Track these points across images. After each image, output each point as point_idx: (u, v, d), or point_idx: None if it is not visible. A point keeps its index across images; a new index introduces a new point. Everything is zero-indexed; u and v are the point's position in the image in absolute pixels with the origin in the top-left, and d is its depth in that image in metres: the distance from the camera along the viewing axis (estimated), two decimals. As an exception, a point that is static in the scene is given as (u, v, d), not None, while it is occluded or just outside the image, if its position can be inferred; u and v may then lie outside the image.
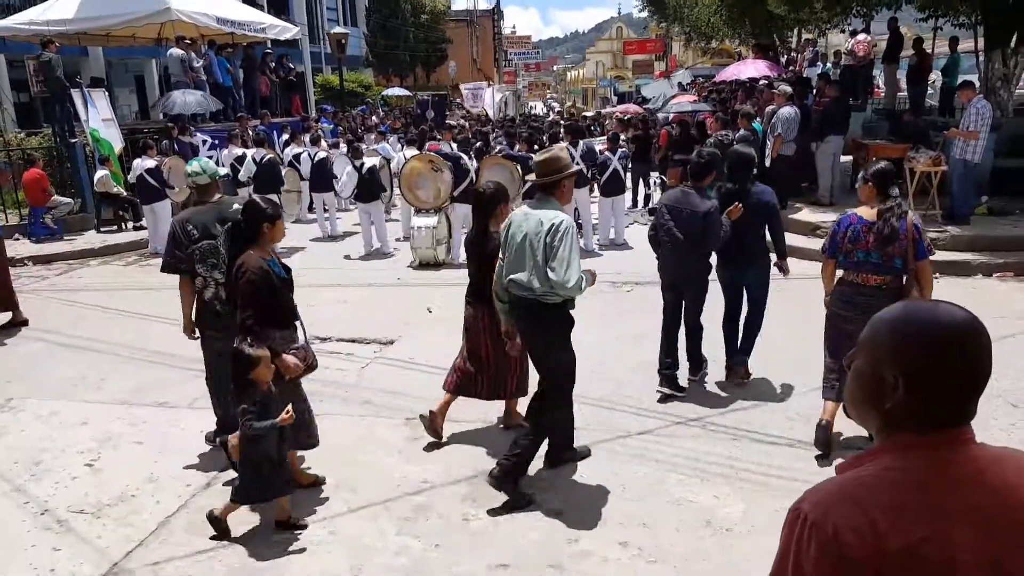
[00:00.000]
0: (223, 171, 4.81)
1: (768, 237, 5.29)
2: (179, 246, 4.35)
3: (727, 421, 4.79)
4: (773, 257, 5.32)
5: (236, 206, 4.46)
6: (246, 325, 3.77)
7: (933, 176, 9.43)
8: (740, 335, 5.38)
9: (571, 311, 4.00)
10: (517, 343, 4.19)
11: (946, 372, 1.19)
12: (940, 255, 8.39)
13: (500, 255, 4.07)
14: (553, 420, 4.06)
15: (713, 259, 5.24)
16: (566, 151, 4.12)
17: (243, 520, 3.85)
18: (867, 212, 4.18)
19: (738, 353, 5.38)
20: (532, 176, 4.06)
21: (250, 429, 3.58)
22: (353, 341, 6.69)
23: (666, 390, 5.16)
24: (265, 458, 3.62)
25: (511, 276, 3.91)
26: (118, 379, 5.92)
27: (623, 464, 4.26)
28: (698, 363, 5.40)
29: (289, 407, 3.62)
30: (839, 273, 4.35)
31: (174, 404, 5.38)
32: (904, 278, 4.15)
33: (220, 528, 3.71)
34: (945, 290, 7.70)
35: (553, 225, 3.75)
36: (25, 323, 7.46)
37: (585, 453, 4.36)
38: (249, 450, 3.62)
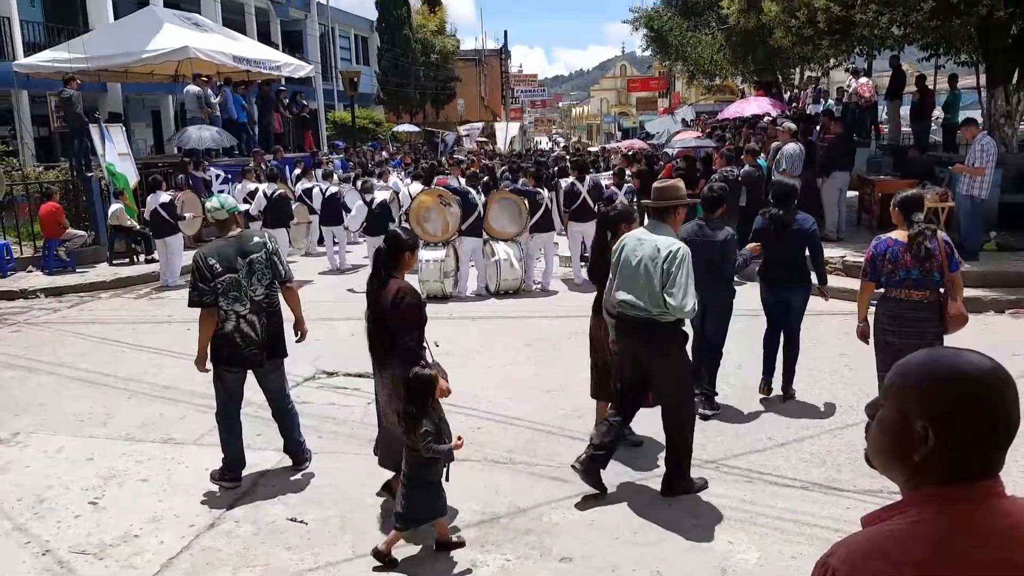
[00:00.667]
0: (243, 207, 4.84)
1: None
2: (203, 279, 4.38)
3: (741, 463, 4.71)
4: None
5: (256, 239, 4.52)
6: (410, 347, 3.89)
7: (940, 212, 9.43)
8: (778, 356, 5.72)
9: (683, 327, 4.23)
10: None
11: (972, 421, 1.17)
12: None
13: (610, 274, 4.31)
14: (689, 432, 4.29)
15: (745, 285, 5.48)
16: (682, 182, 4.53)
17: (250, 564, 3.80)
18: (901, 235, 4.56)
19: (785, 386, 5.75)
20: (647, 201, 4.35)
21: (429, 451, 3.65)
22: (360, 376, 6.64)
23: (707, 412, 5.38)
24: (436, 479, 3.76)
25: (622, 297, 4.15)
26: (125, 414, 5.89)
27: (635, 508, 4.19)
28: (711, 395, 5.50)
29: (460, 435, 3.83)
30: (880, 292, 4.70)
31: (180, 440, 5.35)
32: (941, 291, 4.53)
33: (386, 560, 3.71)
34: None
35: (671, 252, 3.98)
36: None
37: (702, 485, 4.36)
38: (423, 471, 3.72)
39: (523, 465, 4.78)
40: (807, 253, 5.59)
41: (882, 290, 4.68)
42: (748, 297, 6.38)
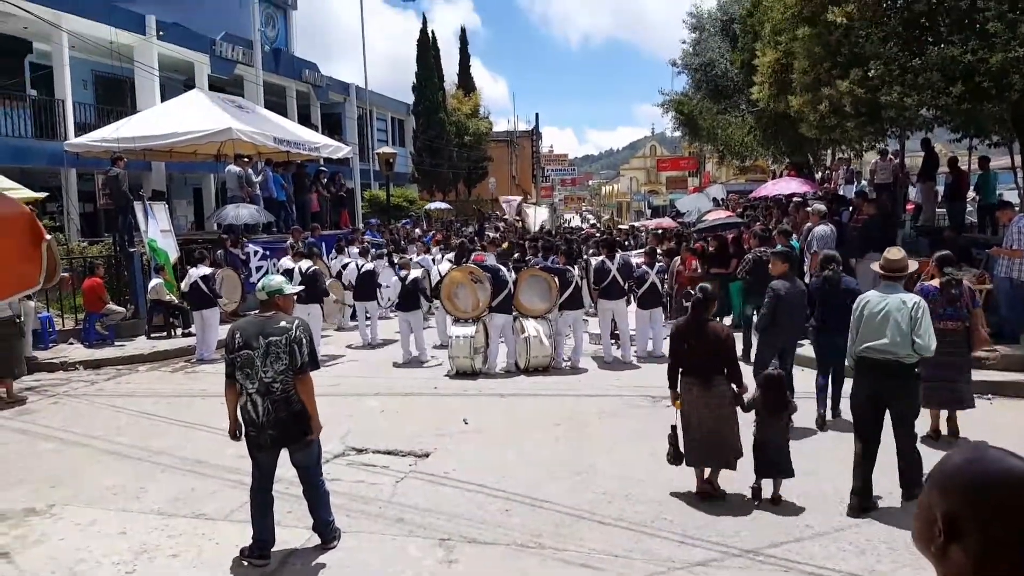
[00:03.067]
0: (290, 289, 4.93)
1: None
2: (227, 351, 4.61)
3: (778, 552, 4.56)
4: None
5: (283, 323, 4.55)
6: (739, 369, 5.38)
7: (979, 294, 9.29)
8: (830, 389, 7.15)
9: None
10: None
11: (992, 524, 1.13)
12: (992, 375, 8.15)
13: (852, 329, 5.30)
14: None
15: None
16: (905, 254, 5.50)
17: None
18: (937, 282, 6.50)
19: (834, 408, 7.25)
20: (875, 266, 5.51)
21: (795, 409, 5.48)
22: (388, 453, 6.64)
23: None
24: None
25: (869, 344, 5.08)
26: (158, 488, 5.93)
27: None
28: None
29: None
30: None
31: (211, 516, 5.35)
32: (966, 324, 6.42)
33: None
34: (999, 412, 7.40)
35: (915, 303, 5.04)
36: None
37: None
38: (783, 438, 5.30)
39: (552, 551, 4.67)
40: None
41: None
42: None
